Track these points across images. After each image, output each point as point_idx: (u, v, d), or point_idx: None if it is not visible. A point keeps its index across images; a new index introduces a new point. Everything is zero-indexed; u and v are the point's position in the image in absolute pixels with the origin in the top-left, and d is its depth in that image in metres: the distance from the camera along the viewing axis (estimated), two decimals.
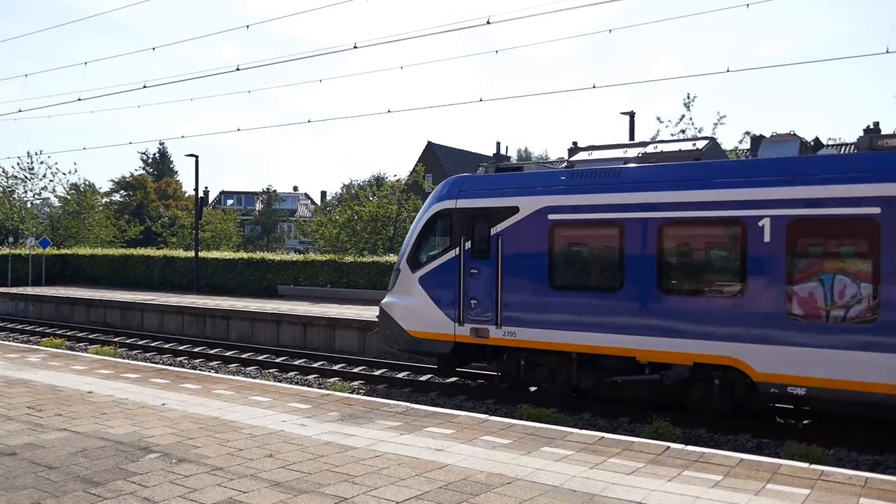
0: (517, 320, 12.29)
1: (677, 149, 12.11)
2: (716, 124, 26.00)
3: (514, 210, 12.41)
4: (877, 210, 9.57)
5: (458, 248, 12.92)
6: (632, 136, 26.20)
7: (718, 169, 11.02)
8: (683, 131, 26.17)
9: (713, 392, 10.94)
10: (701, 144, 11.93)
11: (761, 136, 11.67)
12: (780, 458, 8.29)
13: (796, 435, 10.32)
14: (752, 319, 10.31)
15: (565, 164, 13.18)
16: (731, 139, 42.59)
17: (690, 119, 26.36)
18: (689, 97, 26.48)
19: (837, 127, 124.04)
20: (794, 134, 11.20)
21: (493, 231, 12.56)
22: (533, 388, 13.11)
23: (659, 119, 28.17)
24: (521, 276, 12.33)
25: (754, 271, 10.32)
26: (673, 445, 7.74)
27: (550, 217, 12.07)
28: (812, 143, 12.03)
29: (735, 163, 12.04)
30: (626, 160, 12.11)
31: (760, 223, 10.28)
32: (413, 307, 13.40)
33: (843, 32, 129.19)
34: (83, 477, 6.29)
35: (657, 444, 7.81)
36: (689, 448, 7.63)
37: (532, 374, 12.72)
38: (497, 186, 12.86)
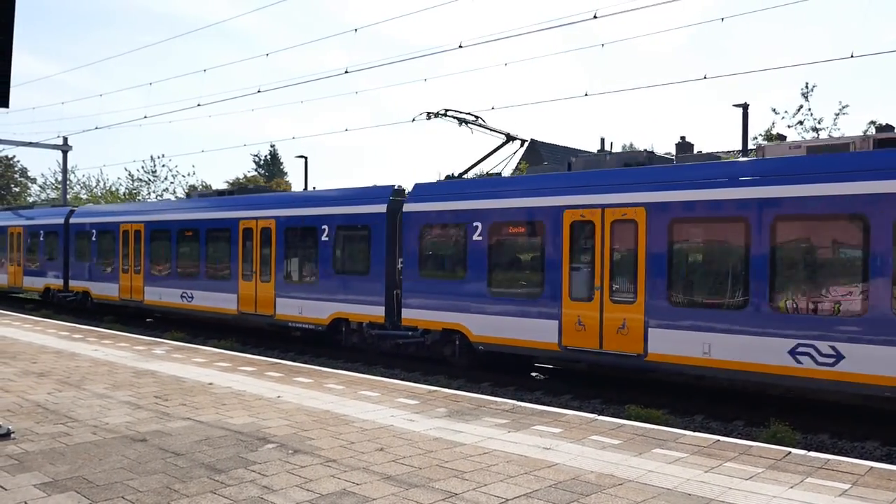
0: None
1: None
2: (837, 114, 24.63)
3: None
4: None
5: None
6: (745, 129, 25.12)
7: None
8: (801, 122, 24.91)
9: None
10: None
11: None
12: None
13: None
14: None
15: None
16: (856, 129, 39.99)
17: (809, 110, 25.02)
18: (807, 87, 25.09)
19: None
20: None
21: None
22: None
23: (774, 111, 26.92)
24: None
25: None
26: (794, 451, 7.40)
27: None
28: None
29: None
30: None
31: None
32: None
33: None
34: (207, 464, 6.61)
35: (777, 449, 7.50)
36: (812, 454, 7.28)
37: None
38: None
